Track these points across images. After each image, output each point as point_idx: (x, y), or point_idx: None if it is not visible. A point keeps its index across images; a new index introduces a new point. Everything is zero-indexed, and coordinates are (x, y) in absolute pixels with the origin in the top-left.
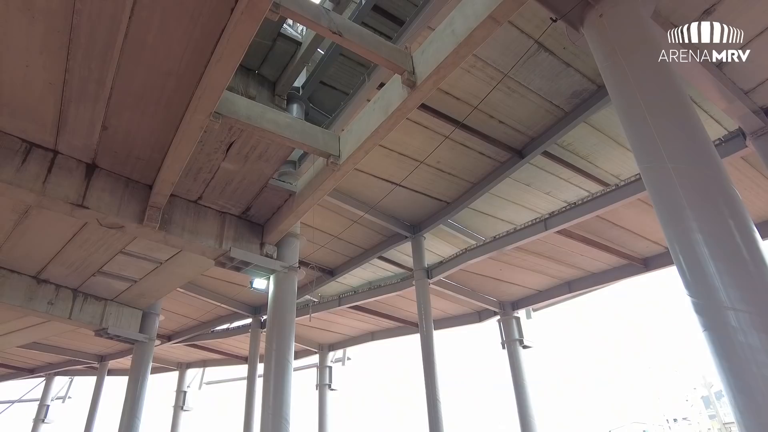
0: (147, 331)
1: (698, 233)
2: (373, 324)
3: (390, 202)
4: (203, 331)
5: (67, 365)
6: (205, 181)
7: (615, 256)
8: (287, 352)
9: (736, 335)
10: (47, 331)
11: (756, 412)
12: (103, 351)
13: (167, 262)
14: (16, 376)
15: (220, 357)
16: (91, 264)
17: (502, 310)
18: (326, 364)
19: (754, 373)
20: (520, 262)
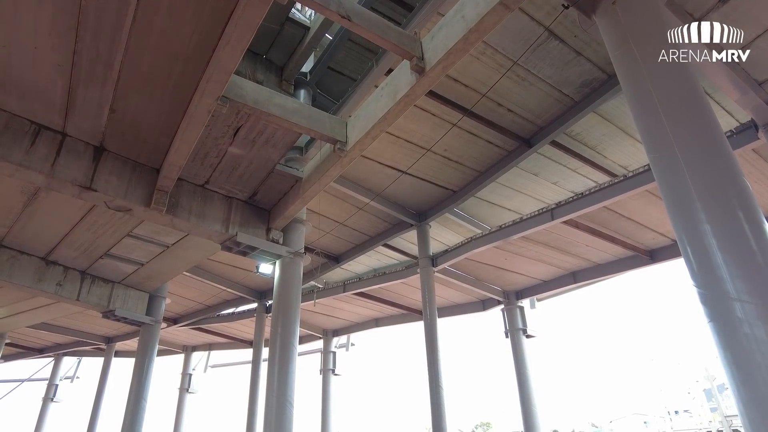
0: (153, 313)
1: (706, 224)
2: (377, 311)
3: (396, 189)
4: (209, 314)
5: (75, 346)
6: (212, 165)
7: (621, 247)
8: (292, 336)
9: (741, 326)
10: (56, 312)
11: (759, 402)
12: (110, 333)
13: (174, 245)
14: (25, 355)
15: (226, 341)
16: (99, 247)
17: (506, 300)
18: (330, 349)
19: (758, 364)
20: (525, 252)
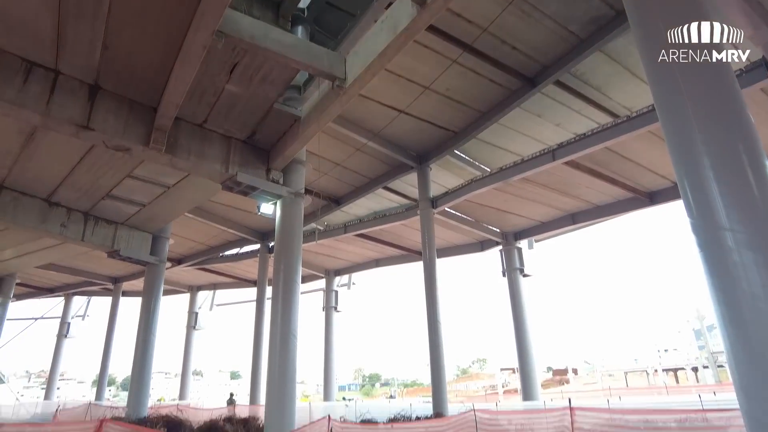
0: (157, 253)
1: (705, 156)
2: (377, 251)
3: (396, 130)
4: (212, 255)
5: (83, 286)
6: (209, 104)
7: (621, 189)
8: (294, 274)
9: (730, 255)
10: (62, 253)
11: (742, 326)
12: (116, 273)
13: (174, 186)
14: (36, 295)
15: (230, 280)
16: (100, 188)
17: (504, 241)
18: (332, 288)
19: (744, 291)
20: (525, 194)
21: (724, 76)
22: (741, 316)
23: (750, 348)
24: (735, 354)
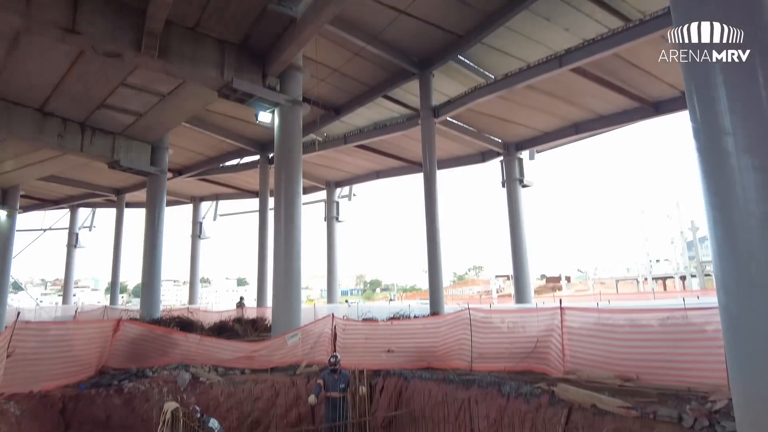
0: (158, 164)
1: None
2: (378, 163)
3: (397, 33)
4: (213, 166)
5: (87, 198)
6: (200, 5)
7: (627, 98)
8: (296, 183)
9: (728, 159)
10: (62, 165)
11: (731, 228)
12: (118, 185)
13: (170, 95)
14: (42, 207)
15: (232, 191)
16: (94, 97)
17: (505, 151)
18: (333, 199)
19: (737, 195)
20: (529, 102)
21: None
22: (731, 219)
23: (736, 249)
24: (720, 254)
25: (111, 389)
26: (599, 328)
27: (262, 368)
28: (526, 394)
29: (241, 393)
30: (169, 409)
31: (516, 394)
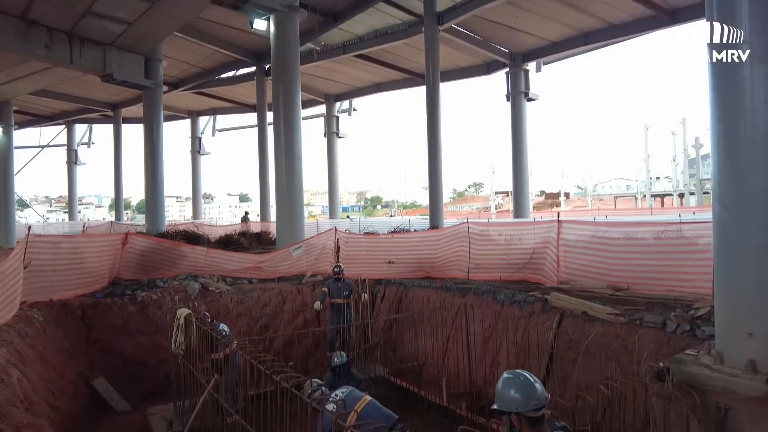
0: (152, 76)
1: None
2: (378, 74)
3: None
4: (209, 79)
5: (82, 113)
6: None
7: (642, 5)
8: (294, 94)
9: (741, 69)
10: (53, 78)
11: (735, 140)
12: (113, 99)
13: (160, 2)
14: (37, 122)
15: (229, 105)
16: (78, 2)
17: (511, 62)
18: (333, 113)
19: (745, 106)
20: (538, 9)
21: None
22: (736, 131)
23: (736, 162)
24: (720, 167)
25: (125, 298)
26: (595, 240)
27: (268, 278)
28: (520, 302)
29: (249, 300)
30: (182, 315)
31: (510, 302)
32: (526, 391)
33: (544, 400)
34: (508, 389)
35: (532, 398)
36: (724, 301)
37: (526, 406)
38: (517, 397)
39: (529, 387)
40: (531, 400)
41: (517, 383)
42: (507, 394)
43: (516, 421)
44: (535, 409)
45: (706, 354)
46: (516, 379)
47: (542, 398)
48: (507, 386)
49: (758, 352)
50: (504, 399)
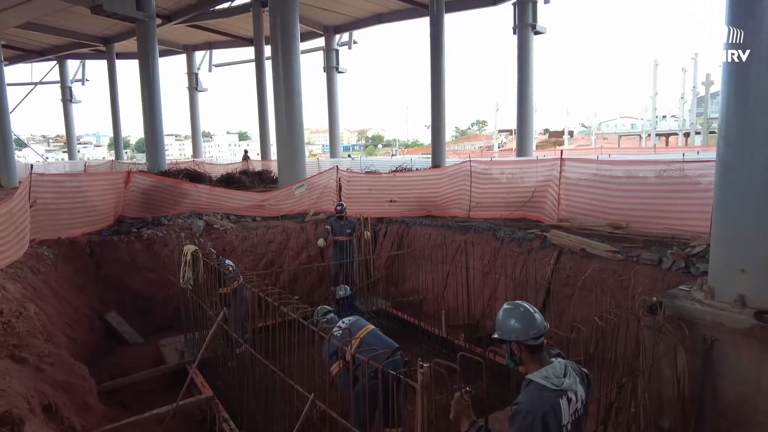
0: (144, 8)
1: None
2: (379, 4)
3: None
4: (203, 10)
5: (73, 48)
6: None
7: None
8: (292, 25)
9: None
10: (39, 10)
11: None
12: (105, 33)
13: None
14: (26, 58)
15: (225, 38)
16: None
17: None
18: (333, 47)
19: (762, 41)
20: None
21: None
22: (748, 68)
23: (747, 99)
24: (729, 104)
25: (131, 236)
26: (596, 179)
27: (272, 216)
28: (520, 239)
29: (254, 237)
30: (189, 251)
31: (510, 239)
32: (526, 321)
33: (543, 329)
34: (508, 319)
35: (531, 327)
36: (720, 239)
37: (525, 335)
38: (517, 326)
39: (529, 317)
40: (531, 329)
41: (517, 313)
42: (507, 324)
43: (516, 349)
44: (534, 338)
45: (698, 290)
46: (516, 309)
47: (541, 327)
48: (507, 316)
49: (748, 287)
50: (504, 328)
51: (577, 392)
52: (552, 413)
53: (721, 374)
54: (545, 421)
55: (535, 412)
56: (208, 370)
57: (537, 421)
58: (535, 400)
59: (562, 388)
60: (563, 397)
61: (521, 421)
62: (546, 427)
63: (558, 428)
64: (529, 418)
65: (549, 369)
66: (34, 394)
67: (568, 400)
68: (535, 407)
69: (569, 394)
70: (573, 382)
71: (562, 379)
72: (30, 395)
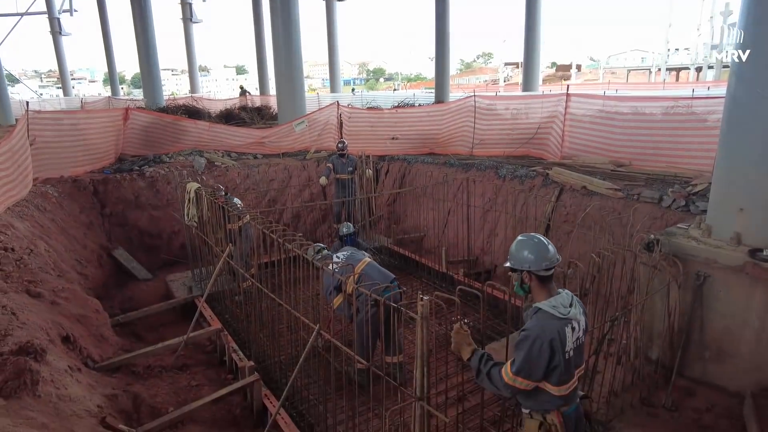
0: None
1: None
2: None
3: None
4: None
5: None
6: None
7: None
8: None
9: None
10: None
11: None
12: None
13: None
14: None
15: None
16: None
17: None
18: None
19: None
20: None
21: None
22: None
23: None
24: (745, 36)
25: (133, 174)
26: (602, 115)
27: (272, 153)
28: (522, 176)
29: (256, 175)
30: (193, 188)
31: (512, 176)
32: (539, 252)
33: (555, 261)
34: (522, 249)
35: (544, 258)
36: (722, 176)
37: (538, 265)
38: (530, 257)
39: (543, 248)
40: (543, 260)
41: (531, 244)
42: (521, 254)
43: (527, 278)
44: (546, 269)
45: (696, 228)
46: (530, 240)
47: (554, 259)
48: (521, 247)
49: (745, 226)
50: (517, 258)
51: (580, 322)
52: (558, 339)
53: (711, 308)
54: (552, 346)
55: (543, 338)
56: (215, 303)
57: (545, 346)
58: (543, 326)
59: (568, 317)
60: (568, 326)
61: (530, 345)
62: (552, 352)
63: (562, 353)
64: (538, 343)
65: (557, 299)
66: (53, 327)
67: (572, 329)
68: (544, 333)
69: (573, 323)
70: (577, 312)
71: (569, 309)
72: (49, 327)
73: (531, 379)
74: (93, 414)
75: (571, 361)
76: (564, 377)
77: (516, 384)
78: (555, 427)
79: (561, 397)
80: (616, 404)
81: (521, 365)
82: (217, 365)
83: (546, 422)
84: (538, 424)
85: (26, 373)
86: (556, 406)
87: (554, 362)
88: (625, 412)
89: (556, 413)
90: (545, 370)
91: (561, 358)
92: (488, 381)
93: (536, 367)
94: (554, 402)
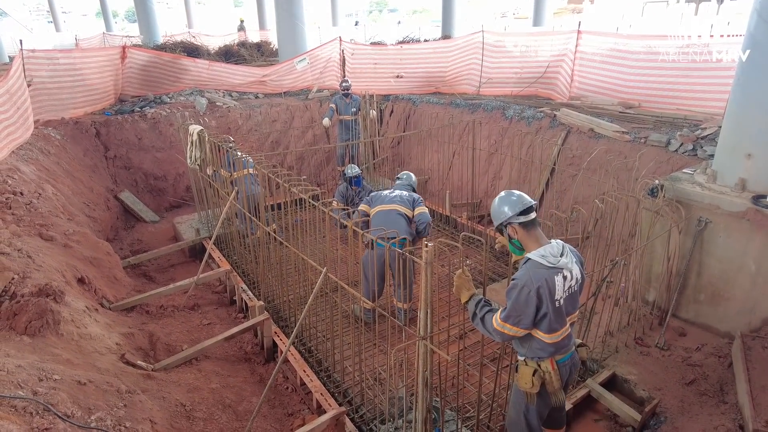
0: None
1: None
2: None
3: None
4: None
5: None
6: None
7: None
8: None
9: None
10: None
11: None
12: None
13: None
14: None
15: None
16: None
17: None
18: None
19: None
20: None
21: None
22: None
23: None
24: None
25: (135, 115)
26: (613, 54)
27: (274, 93)
28: (528, 118)
29: (258, 115)
30: (195, 131)
31: (519, 118)
32: (511, 202)
33: (529, 202)
34: (500, 206)
35: (519, 204)
36: (733, 121)
37: (514, 211)
38: (505, 208)
39: (516, 197)
40: (518, 205)
41: (505, 199)
42: (500, 210)
43: (513, 233)
44: (523, 213)
45: (701, 173)
46: (507, 197)
47: (527, 201)
48: (499, 204)
49: (751, 172)
50: (497, 214)
51: (573, 271)
52: (546, 287)
53: (709, 253)
54: (539, 294)
55: (531, 286)
56: (224, 245)
57: (532, 293)
58: (531, 275)
59: (558, 266)
60: (559, 274)
61: (517, 294)
62: (540, 300)
63: (551, 301)
64: (525, 291)
65: (546, 248)
66: (67, 269)
67: (563, 278)
68: (531, 281)
69: (565, 272)
70: (569, 261)
71: (558, 258)
72: (64, 270)
73: (520, 326)
74: (113, 351)
75: (562, 309)
76: (555, 325)
77: (505, 330)
78: (549, 374)
79: (553, 344)
80: (612, 344)
81: (509, 312)
82: (227, 304)
83: (540, 369)
84: (533, 371)
85: (48, 313)
86: (549, 353)
87: (543, 310)
88: (619, 351)
89: (551, 361)
90: (533, 318)
91: (550, 306)
92: (482, 325)
93: (524, 314)
94: (547, 349)
